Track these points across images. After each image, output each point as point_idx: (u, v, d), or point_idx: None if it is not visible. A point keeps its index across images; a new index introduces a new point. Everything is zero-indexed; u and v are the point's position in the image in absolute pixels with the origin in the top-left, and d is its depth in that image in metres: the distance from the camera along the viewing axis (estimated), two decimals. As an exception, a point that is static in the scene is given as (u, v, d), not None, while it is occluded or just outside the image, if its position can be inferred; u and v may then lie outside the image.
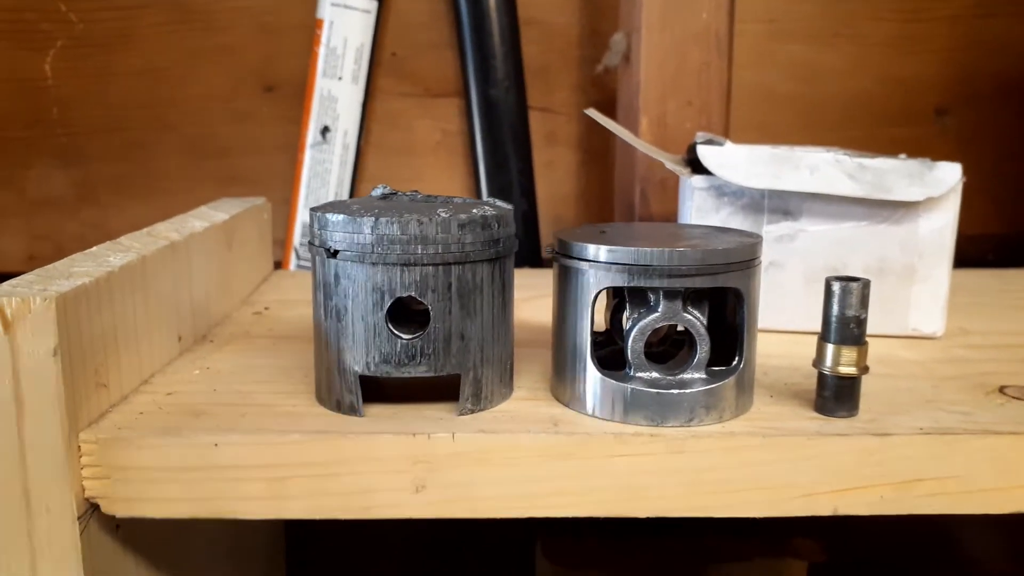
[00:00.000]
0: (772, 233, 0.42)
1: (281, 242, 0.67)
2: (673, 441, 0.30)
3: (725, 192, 0.42)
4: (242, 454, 0.30)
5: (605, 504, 0.30)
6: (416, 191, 0.35)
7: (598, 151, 0.71)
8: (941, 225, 0.42)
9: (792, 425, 0.31)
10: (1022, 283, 0.56)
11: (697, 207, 0.43)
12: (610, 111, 0.64)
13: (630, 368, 0.31)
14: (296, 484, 0.30)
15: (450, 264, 0.30)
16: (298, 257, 0.67)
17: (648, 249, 0.30)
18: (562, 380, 0.33)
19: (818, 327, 0.32)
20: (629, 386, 0.31)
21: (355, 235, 0.30)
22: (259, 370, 0.37)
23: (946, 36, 0.71)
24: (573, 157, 0.71)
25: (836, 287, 0.31)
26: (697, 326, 0.31)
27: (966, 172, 0.41)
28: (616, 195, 0.66)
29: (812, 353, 0.32)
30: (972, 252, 0.43)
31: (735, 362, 0.32)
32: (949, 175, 0.41)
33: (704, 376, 0.31)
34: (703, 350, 0.31)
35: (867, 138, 0.71)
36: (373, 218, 0.30)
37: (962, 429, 0.31)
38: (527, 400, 0.34)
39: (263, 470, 0.30)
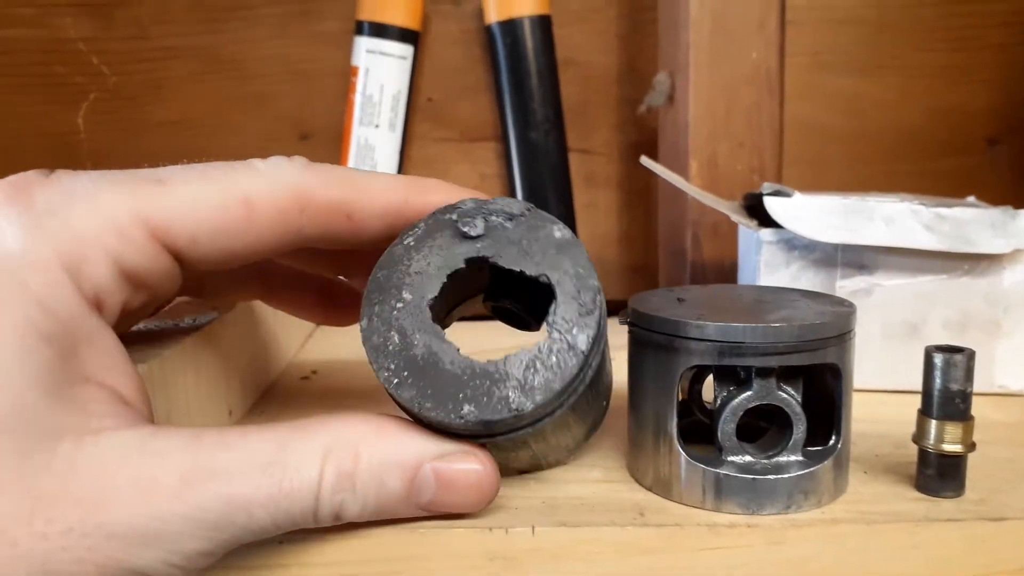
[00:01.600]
0: (846, 288, 0.40)
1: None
2: (772, 531, 0.28)
3: (796, 246, 0.40)
4: (309, 551, 0.28)
5: (698, 600, 0.28)
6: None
7: (639, 191, 0.69)
8: (1027, 276, 0.39)
9: (897, 509, 0.29)
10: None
11: (766, 261, 0.41)
12: (651, 151, 0.62)
13: (720, 451, 0.29)
14: (366, 583, 0.28)
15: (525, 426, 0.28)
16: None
17: (740, 325, 0.28)
18: (643, 461, 0.31)
19: (898, 385, 0.30)
20: (721, 471, 0.28)
21: None
22: (316, 449, 0.35)
23: (993, 65, 0.69)
24: (614, 198, 0.70)
25: (938, 359, 0.29)
26: (793, 405, 0.29)
27: (1021, 202, 0.39)
28: (662, 237, 0.64)
29: (896, 414, 0.30)
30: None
31: (832, 441, 0.30)
32: (1035, 224, 0.39)
33: (800, 459, 0.29)
34: (800, 431, 0.29)
35: (918, 171, 0.69)
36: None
37: (1083, 511, 0.28)
38: (604, 483, 0.32)
39: (330, 568, 0.28)
